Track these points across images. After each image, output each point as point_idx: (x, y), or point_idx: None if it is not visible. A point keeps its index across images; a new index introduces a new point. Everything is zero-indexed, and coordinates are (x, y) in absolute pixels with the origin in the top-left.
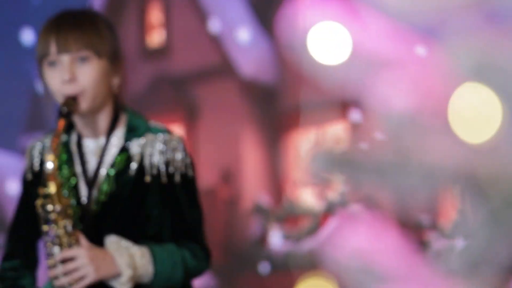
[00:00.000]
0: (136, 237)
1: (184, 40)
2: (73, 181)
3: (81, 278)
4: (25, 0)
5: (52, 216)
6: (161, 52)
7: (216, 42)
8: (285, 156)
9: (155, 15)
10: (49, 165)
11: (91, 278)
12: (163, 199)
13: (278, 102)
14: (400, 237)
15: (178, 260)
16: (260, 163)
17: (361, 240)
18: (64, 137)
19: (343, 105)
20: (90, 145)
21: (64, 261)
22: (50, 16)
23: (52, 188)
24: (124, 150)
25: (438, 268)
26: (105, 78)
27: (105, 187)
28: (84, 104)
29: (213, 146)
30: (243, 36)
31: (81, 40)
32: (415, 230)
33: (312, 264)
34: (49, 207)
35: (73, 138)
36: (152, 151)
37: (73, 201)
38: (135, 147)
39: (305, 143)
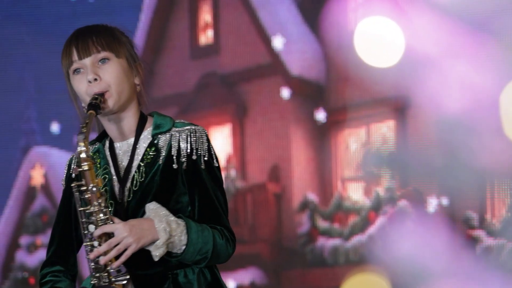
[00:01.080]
0: None
1: (233, 39)
2: (107, 180)
3: (124, 249)
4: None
5: (86, 194)
6: (211, 50)
7: (264, 40)
8: (333, 153)
9: (205, 14)
10: (81, 148)
11: (133, 248)
12: (191, 185)
13: (326, 100)
14: (449, 234)
15: (209, 236)
16: (309, 160)
17: (409, 236)
18: (97, 145)
19: (391, 104)
20: (123, 147)
21: (102, 240)
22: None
23: (85, 167)
24: (152, 145)
25: (488, 265)
26: (126, 76)
27: (136, 177)
28: (111, 101)
29: (262, 142)
30: (290, 34)
31: (99, 43)
32: (464, 227)
33: (360, 259)
34: (83, 186)
35: (106, 144)
36: (178, 140)
37: (107, 195)
38: (162, 140)
39: (354, 141)
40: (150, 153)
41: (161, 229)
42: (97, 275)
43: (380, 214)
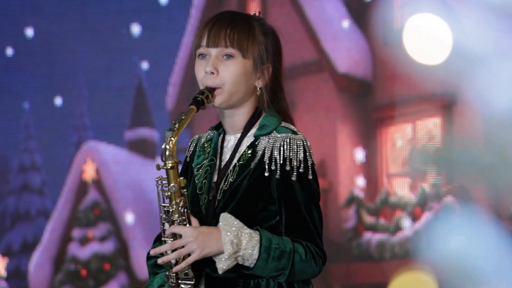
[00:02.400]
0: (250, 227)
1: (281, 36)
2: (207, 173)
3: (188, 255)
4: None
5: (167, 193)
6: None
7: (312, 38)
8: (379, 149)
9: (253, 11)
10: (168, 145)
11: (195, 255)
12: (280, 196)
13: (373, 97)
14: (495, 230)
15: (286, 252)
16: (356, 156)
17: (455, 232)
18: (213, 134)
19: (438, 101)
20: (231, 141)
21: (174, 239)
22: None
23: (169, 165)
24: (251, 146)
25: None
26: (246, 78)
27: (229, 177)
28: (219, 98)
29: (309, 139)
30: (337, 32)
31: (230, 38)
32: (510, 224)
33: (406, 254)
34: (165, 183)
35: (221, 135)
36: (272, 147)
37: (200, 186)
38: (261, 143)
39: (400, 138)
40: (248, 154)
41: (227, 241)
42: (167, 273)
43: (425, 209)
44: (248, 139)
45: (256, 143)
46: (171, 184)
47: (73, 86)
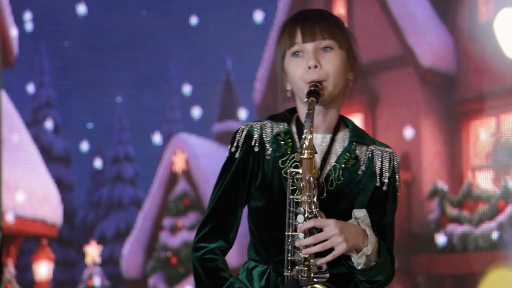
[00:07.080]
0: None
1: (365, 31)
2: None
3: (332, 248)
4: None
5: (301, 183)
6: None
7: (396, 33)
8: (463, 142)
9: (339, 8)
10: (308, 137)
11: (342, 249)
12: (377, 206)
13: (457, 91)
14: None
15: (389, 263)
16: (439, 149)
17: None
18: (285, 127)
19: None
20: (317, 140)
21: (307, 232)
22: (293, 14)
23: (306, 155)
24: (349, 150)
25: None
26: (344, 70)
27: (332, 177)
28: (325, 91)
29: (393, 132)
30: (421, 26)
31: (325, 30)
32: None
33: (489, 247)
34: (299, 174)
35: (294, 129)
36: (383, 161)
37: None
38: (362, 152)
39: (484, 131)
40: (350, 160)
41: (371, 239)
42: (296, 267)
43: (509, 202)
44: (340, 142)
45: (353, 147)
46: (308, 175)
47: (164, 80)
